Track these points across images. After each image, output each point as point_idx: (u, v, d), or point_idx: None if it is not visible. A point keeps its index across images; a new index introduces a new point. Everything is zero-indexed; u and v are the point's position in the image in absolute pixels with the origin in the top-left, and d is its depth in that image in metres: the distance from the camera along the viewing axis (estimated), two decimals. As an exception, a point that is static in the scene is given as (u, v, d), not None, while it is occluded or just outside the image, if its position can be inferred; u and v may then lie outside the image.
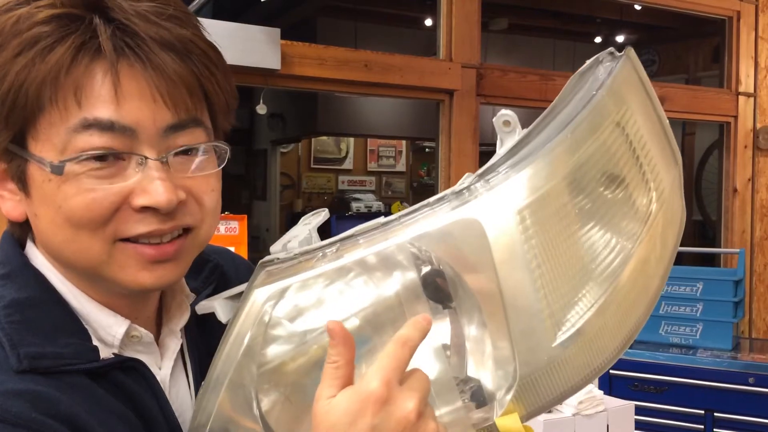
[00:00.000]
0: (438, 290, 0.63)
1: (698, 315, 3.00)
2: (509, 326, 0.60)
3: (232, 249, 1.29)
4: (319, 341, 0.64)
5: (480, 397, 0.63)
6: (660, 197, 0.68)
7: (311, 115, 6.32)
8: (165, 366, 0.72)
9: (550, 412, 1.87)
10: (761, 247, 4.16)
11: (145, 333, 0.70)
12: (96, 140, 0.61)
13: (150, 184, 0.62)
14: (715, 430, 2.79)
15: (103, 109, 0.61)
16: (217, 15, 3.95)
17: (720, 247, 4.18)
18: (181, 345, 0.76)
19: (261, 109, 3.22)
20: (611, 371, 2.93)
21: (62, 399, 0.60)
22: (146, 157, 0.63)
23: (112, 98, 0.61)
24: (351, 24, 5.60)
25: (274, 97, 5.96)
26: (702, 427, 2.81)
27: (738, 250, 3.30)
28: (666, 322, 3.05)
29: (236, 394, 0.65)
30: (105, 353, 0.67)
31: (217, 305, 0.71)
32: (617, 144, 0.65)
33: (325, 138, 7.72)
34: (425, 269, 0.62)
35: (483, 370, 0.63)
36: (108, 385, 0.65)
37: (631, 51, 0.70)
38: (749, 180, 4.18)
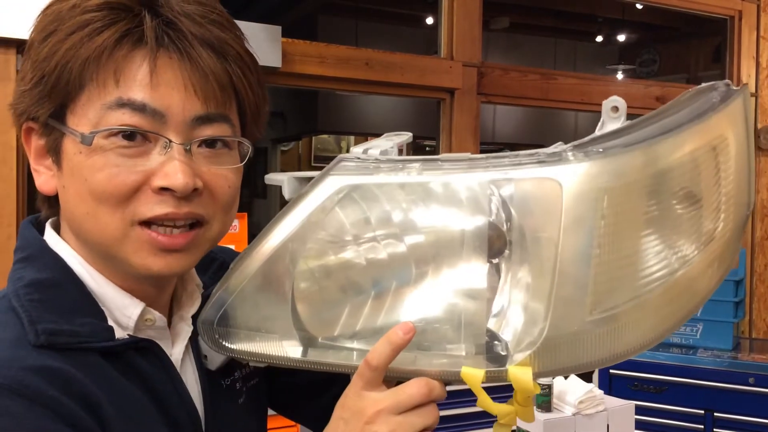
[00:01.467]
0: (497, 238, 0.66)
1: (698, 315, 3.00)
2: (554, 289, 0.63)
3: (233, 247, 1.29)
4: (366, 251, 0.68)
5: (495, 348, 0.67)
6: (724, 230, 0.70)
7: (312, 113, 6.32)
8: (176, 351, 0.75)
9: (550, 411, 1.87)
10: (762, 248, 4.16)
11: (158, 317, 0.73)
12: (127, 118, 0.65)
13: (170, 167, 0.66)
14: (715, 430, 2.78)
15: (137, 92, 0.65)
16: (217, 13, 3.93)
17: (720, 246, 4.16)
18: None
19: (261, 107, 3.21)
20: (611, 371, 2.93)
21: (78, 377, 0.63)
22: (171, 141, 0.66)
23: (147, 83, 0.65)
24: (352, 22, 5.60)
25: (274, 95, 5.95)
26: (702, 427, 2.81)
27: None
28: (666, 322, 3.05)
29: (276, 267, 0.70)
30: (119, 334, 0.69)
31: (286, 180, 0.75)
32: (706, 165, 0.67)
33: (325, 136, 7.72)
34: (493, 215, 0.65)
35: (511, 321, 0.66)
36: (122, 367, 0.68)
37: (746, 88, 0.73)
38: (750, 180, 4.18)
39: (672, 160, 0.65)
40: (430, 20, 5.26)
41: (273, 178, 0.77)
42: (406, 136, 0.75)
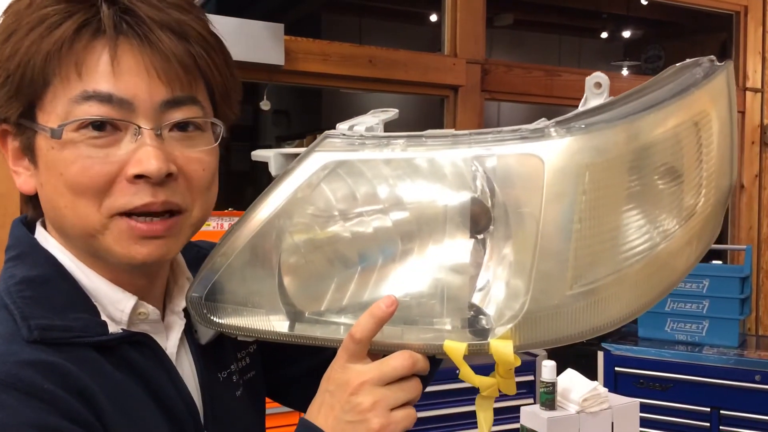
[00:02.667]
0: (480, 214, 0.67)
1: (704, 312, 2.98)
2: (535, 264, 0.64)
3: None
4: (352, 226, 0.69)
5: (477, 322, 0.68)
6: (705, 205, 0.70)
7: (315, 111, 6.31)
8: (170, 345, 0.75)
9: (554, 409, 1.86)
10: (768, 244, 4.14)
11: (152, 310, 0.73)
12: (95, 110, 0.65)
13: (142, 153, 0.65)
14: (721, 427, 2.77)
15: (102, 82, 0.65)
16: (221, 11, 3.94)
17: (726, 243, 4.15)
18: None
19: (265, 105, 3.20)
20: (616, 368, 2.92)
21: (73, 370, 0.63)
22: (140, 127, 0.66)
23: (110, 72, 0.65)
24: (355, 19, 5.59)
25: (278, 93, 5.96)
26: (708, 424, 2.80)
27: (745, 246, 3.28)
28: (672, 319, 3.04)
29: (263, 243, 0.71)
30: (113, 329, 0.69)
31: (272, 156, 0.75)
32: (687, 140, 0.67)
33: (329, 134, 7.71)
34: (476, 191, 0.66)
35: (493, 296, 0.67)
36: (116, 361, 0.68)
37: (731, 64, 0.72)
38: (756, 176, 4.16)
39: (654, 136, 0.65)
40: (433, 17, 5.25)
41: (259, 154, 0.77)
42: (392, 113, 0.76)
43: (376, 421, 0.65)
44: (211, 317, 0.75)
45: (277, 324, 0.73)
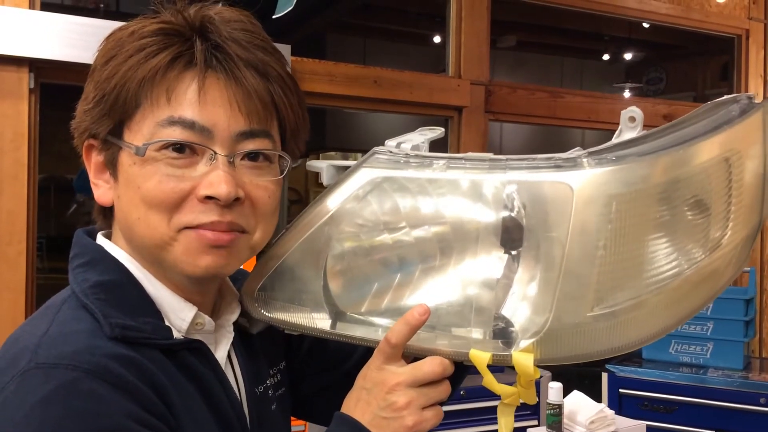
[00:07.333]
0: (511, 235, 0.71)
1: (709, 334, 2.98)
2: (559, 285, 0.68)
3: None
4: (395, 237, 0.75)
5: (503, 335, 0.73)
6: (732, 237, 0.73)
7: (320, 130, 6.34)
8: (218, 356, 0.80)
9: (560, 431, 1.85)
10: (771, 266, 4.13)
11: (208, 321, 0.79)
12: (178, 134, 0.71)
13: (214, 177, 0.71)
14: (726, 450, 2.75)
15: (188, 110, 0.71)
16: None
17: (730, 265, 4.13)
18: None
19: (270, 124, 3.23)
20: (620, 390, 2.91)
21: (149, 366, 0.69)
22: (216, 152, 0.72)
23: (196, 101, 0.71)
24: (360, 40, 5.64)
25: (282, 112, 5.98)
26: (713, 447, 2.78)
27: (748, 268, 3.28)
28: (676, 341, 3.03)
29: (313, 245, 0.78)
30: (175, 334, 0.74)
31: (325, 167, 0.81)
32: (717, 176, 0.70)
33: (333, 153, 7.74)
34: (509, 213, 0.71)
35: (519, 311, 0.71)
36: (178, 363, 0.73)
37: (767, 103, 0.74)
38: (759, 198, 4.16)
39: (682, 171, 0.68)
40: (437, 39, 5.29)
41: (313, 165, 0.82)
42: (438, 131, 0.81)
43: (410, 418, 0.71)
44: (262, 310, 0.81)
45: (320, 322, 0.79)
